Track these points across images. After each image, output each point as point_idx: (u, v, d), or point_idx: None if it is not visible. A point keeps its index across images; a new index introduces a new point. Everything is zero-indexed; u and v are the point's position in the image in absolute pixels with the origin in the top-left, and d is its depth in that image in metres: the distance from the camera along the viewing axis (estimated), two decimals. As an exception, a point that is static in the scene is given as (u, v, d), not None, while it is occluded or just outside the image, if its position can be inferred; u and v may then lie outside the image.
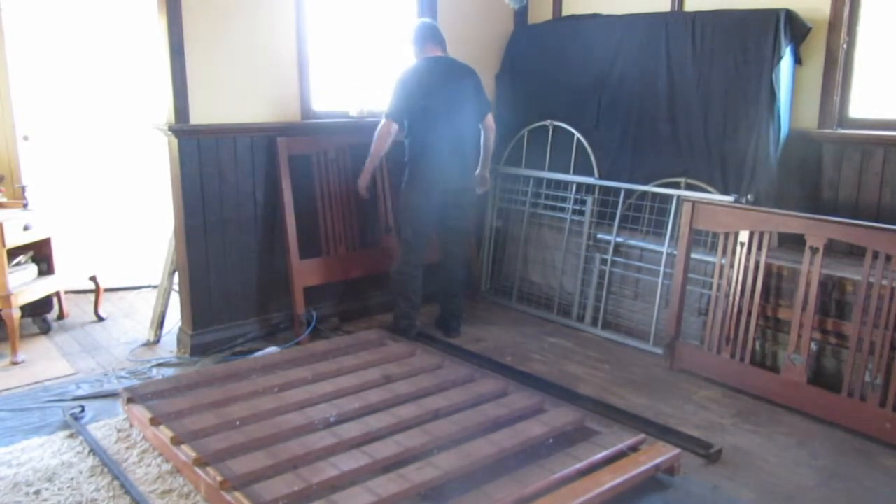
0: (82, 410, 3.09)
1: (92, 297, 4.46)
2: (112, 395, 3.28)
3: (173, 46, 3.51)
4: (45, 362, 3.72)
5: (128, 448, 2.78)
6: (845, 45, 3.54)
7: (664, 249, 3.85)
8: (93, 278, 4.34)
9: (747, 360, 3.32)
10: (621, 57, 4.14)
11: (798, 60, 3.65)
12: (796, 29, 3.55)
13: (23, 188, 4.05)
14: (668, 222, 3.88)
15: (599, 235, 4.19)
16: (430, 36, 3.83)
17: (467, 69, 3.87)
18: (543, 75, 4.50)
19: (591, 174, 4.25)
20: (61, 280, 4.16)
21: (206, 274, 3.79)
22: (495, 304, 4.64)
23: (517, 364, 3.66)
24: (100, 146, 4.76)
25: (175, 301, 4.06)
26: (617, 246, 4.10)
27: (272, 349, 3.69)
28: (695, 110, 3.84)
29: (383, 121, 3.75)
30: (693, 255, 3.62)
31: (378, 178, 4.26)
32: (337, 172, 4.09)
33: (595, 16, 4.39)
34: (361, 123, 4.19)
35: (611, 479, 2.41)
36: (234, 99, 3.73)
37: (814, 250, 3.10)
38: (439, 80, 3.77)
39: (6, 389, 3.38)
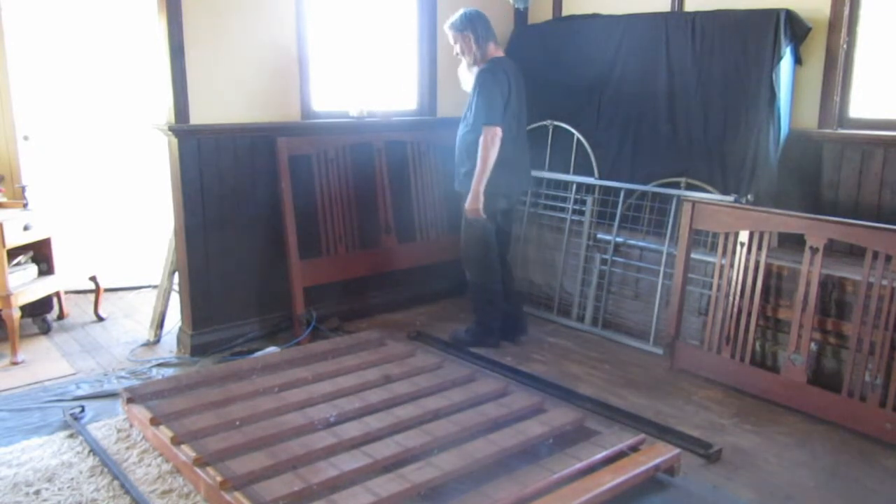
0: (82, 410, 3.09)
1: (92, 297, 4.46)
2: (112, 395, 3.28)
3: (173, 46, 3.51)
4: (45, 362, 3.72)
5: (128, 448, 2.78)
6: (845, 45, 3.54)
7: (664, 249, 3.85)
8: (93, 278, 4.34)
9: (747, 360, 3.32)
10: (621, 57, 4.14)
11: (798, 60, 3.65)
12: (796, 29, 3.55)
13: (23, 188, 4.04)
14: (668, 222, 3.88)
15: (599, 235, 4.19)
16: (492, 31, 3.69)
17: (521, 73, 3.81)
18: (543, 75, 4.50)
19: (591, 174, 4.25)
20: (61, 280, 4.16)
21: (206, 274, 3.79)
22: (495, 304, 4.64)
23: (517, 364, 3.66)
24: (100, 146, 4.76)
25: (175, 301, 4.06)
26: (617, 246, 4.10)
27: (272, 349, 3.69)
28: (695, 110, 3.84)
29: (489, 129, 3.54)
30: (693, 255, 3.62)
31: (378, 177, 4.26)
32: (337, 172, 4.09)
33: (595, 16, 4.39)
34: (361, 123, 4.19)
35: (611, 479, 2.41)
36: (234, 99, 3.73)
37: (814, 250, 3.10)
38: (516, 84, 3.70)
39: (6, 389, 3.37)
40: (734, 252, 3.39)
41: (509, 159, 3.68)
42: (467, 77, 3.77)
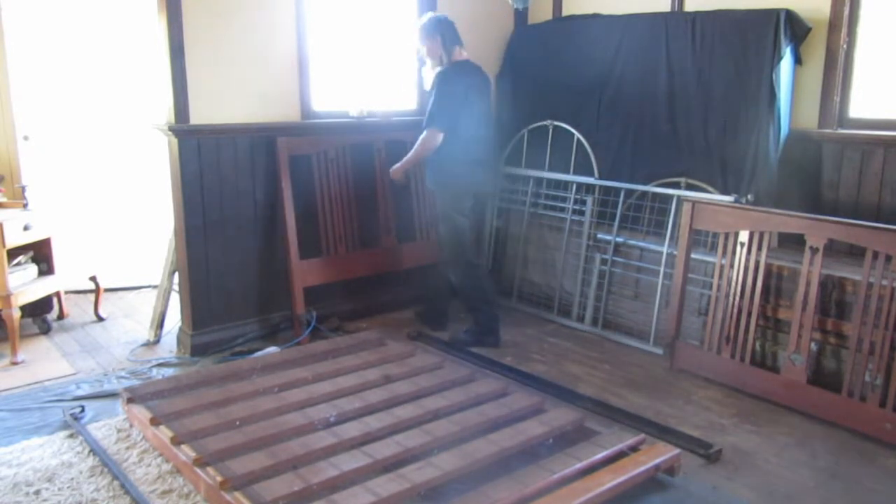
0: (82, 410, 3.09)
1: (92, 297, 4.46)
2: (112, 395, 3.28)
3: (173, 46, 3.51)
4: (45, 362, 3.72)
5: (128, 448, 2.78)
6: (845, 45, 3.54)
7: (664, 249, 3.85)
8: (93, 278, 4.34)
9: (747, 360, 3.32)
10: (621, 57, 4.14)
11: (798, 60, 3.65)
12: (796, 29, 3.55)
13: (23, 188, 4.05)
14: (668, 222, 3.88)
15: (599, 235, 4.19)
16: (458, 37, 3.80)
17: (487, 76, 3.94)
18: (543, 75, 4.50)
19: (591, 174, 4.25)
20: (61, 280, 4.16)
21: (206, 274, 3.79)
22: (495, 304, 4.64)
23: (517, 364, 3.66)
24: (100, 146, 4.76)
25: (175, 301, 4.06)
26: (617, 246, 4.10)
27: (272, 349, 3.69)
28: (695, 110, 3.84)
29: (432, 131, 3.70)
30: (693, 255, 3.62)
31: (378, 177, 4.26)
32: (337, 172, 4.09)
33: (595, 16, 4.39)
34: (361, 123, 4.19)
35: (611, 479, 2.41)
36: (234, 99, 3.73)
37: (814, 250, 3.10)
38: (477, 86, 3.80)
39: (6, 389, 3.38)
40: (734, 252, 3.39)
41: (472, 159, 3.79)
42: (431, 78, 3.86)
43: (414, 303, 4.48)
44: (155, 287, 4.36)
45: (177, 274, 3.94)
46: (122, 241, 4.84)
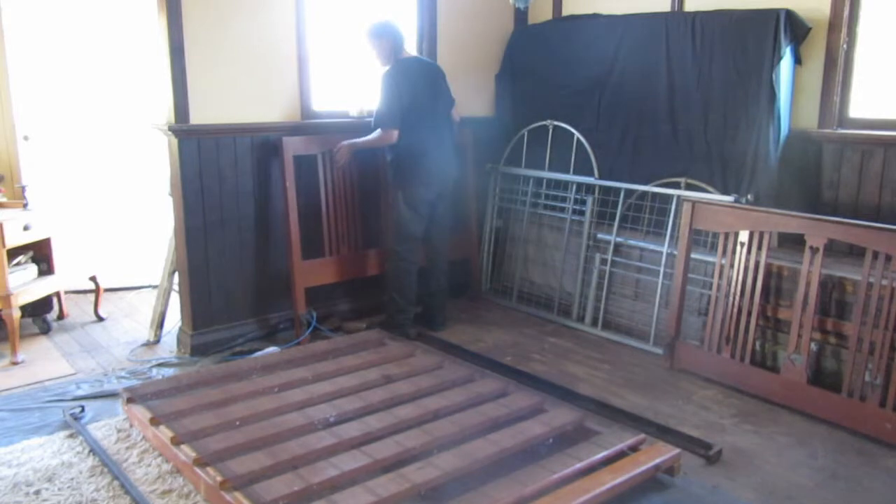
0: (82, 410, 3.09)
1: (92, 297, 4.46)
2: (112, 395, 3.28)
3: (173, 46, 3.51)
4: (45, 362, 3.72)
5: (128, 448, 2.78)
6: (845, 45, 3.54)
7: (664, 249, 3.85)
8: (93, 278, 4.34)
9: (747, 360, 3.32)
10: (621, 57, 4.14)
11: (798, 60, 3.65)
12: (796, 29, 3.56)
13: (23, 188, 4.04)
14: (668, 222, 3.88)
15: (599, 235, 4.19)
16: (402, 36, 3.89)
17: (438, 67, 4.03)
18: (543, 75, 4.50)
19: (591, 174, 4.25)
20: (61, 280, 4.16)
21: (206, 274, 3.79)
22: (495, 304, 4.64)
23: (517, 364, 3.66)
24: (100, 146, 4.76)
25: (175, 301, 4.06)
26: (617, 246, 4.10)
27: (272, 349, 3.69)
28: (695, 110, 3.84)
29: (387, 132, 3.79)
30: (693, 255, 3.63)
31: (380, 177, 4.26)
32: (339, 173, 4.09)
33: (595, 16, 4.39)
34: (362, 123, 4.19)
35: (611, 479, 2.41)
36: (234, 99, 3.73)
37: (814, 250, 3.10)
38: (423, 79, 3.88)
39: (6, 389, 3.37)
40: (734, 252, 3.39)
41: (426, 151, 3.85)
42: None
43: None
44: (155, 287, 4.36)
45: (177, 274, 3.94)
46: (122, 241, 4.84)
